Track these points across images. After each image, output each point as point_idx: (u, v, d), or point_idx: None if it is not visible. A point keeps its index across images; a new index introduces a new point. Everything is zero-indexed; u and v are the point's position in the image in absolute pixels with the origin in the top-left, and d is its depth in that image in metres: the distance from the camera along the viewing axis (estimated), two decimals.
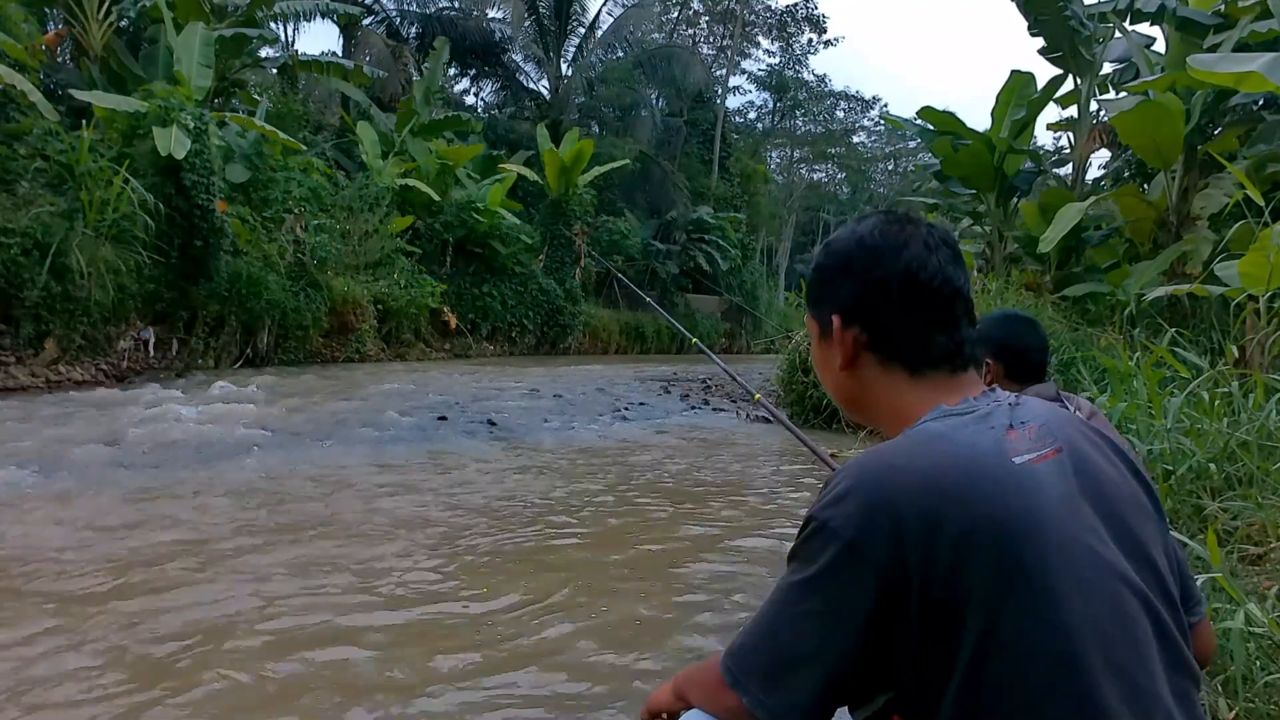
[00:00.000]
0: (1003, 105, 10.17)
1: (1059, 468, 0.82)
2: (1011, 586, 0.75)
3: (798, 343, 8.75)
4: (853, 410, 1.01)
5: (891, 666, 0.79)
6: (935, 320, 0.91)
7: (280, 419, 6.68)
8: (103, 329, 9.10)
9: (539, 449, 6.37)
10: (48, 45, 11.52)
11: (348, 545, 3.54)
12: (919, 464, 0.80)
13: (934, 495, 0.77)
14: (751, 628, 0.86)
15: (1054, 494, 0.80)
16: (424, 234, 16.09)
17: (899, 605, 0.76)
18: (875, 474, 0.81)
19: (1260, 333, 3.97)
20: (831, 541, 0.79)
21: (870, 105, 42.15)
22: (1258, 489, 2.71)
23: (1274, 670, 1.79)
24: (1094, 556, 0.79)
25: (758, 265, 29.67)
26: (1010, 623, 0.75)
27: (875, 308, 0.92)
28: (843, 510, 0.79)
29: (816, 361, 1.02)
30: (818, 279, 0.98)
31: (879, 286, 0.91)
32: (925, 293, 0.91)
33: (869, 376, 0.94)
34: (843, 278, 0.94)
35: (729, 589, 3.19)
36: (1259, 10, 7.19)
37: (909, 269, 0.90)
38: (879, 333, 0.92)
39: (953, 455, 0.80)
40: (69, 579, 2.99)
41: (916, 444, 0.83)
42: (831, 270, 0.96)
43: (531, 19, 24.44)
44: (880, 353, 0.93)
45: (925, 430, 0.85)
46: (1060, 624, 0.75)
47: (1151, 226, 8.54)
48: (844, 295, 0.94)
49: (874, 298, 0.92)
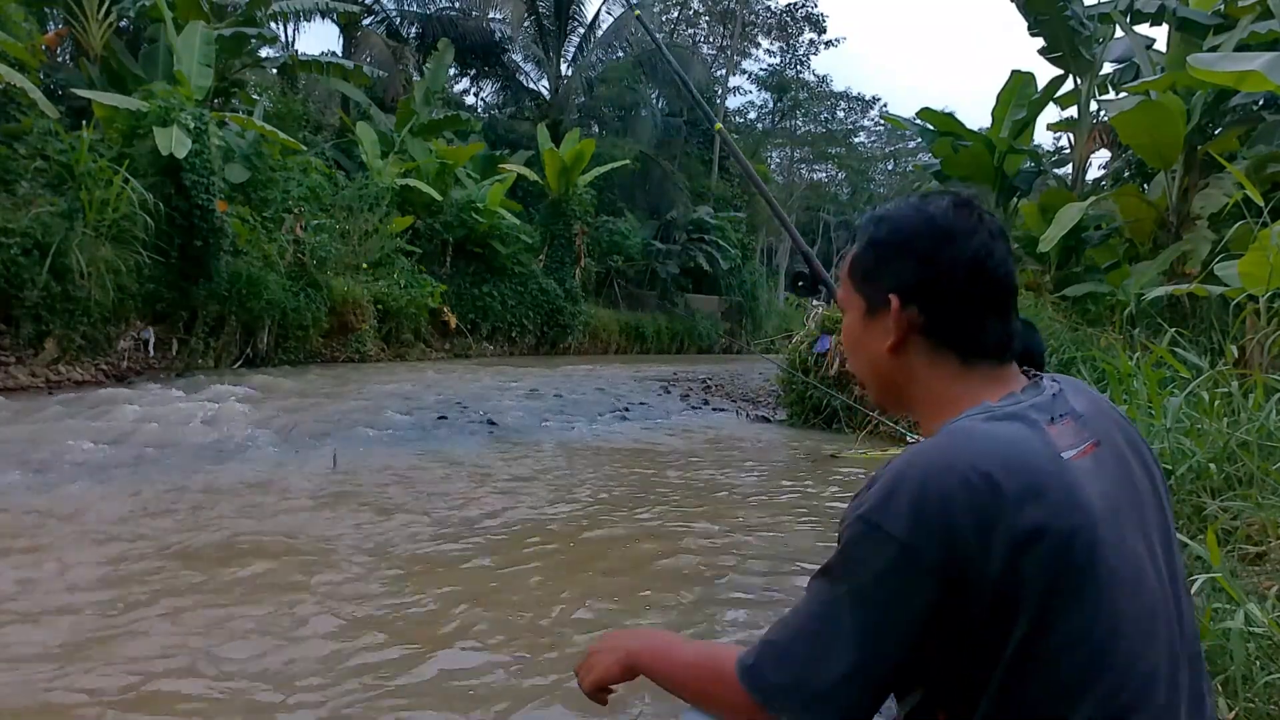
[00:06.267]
0: (1003, 105, 10.17)
1: (1097, 464, 0.83)
2: (1065, 585, 0.75)
3: (797, 342, 8.74)
4: (885, 394, 0.97)
5: (934, 665, 0.79)
6: (993, 309, 0.90)
7: (280, 419, 6.68)
8: (103, 329, 9.09)
9: (539, 449, 6.37)
10: (48, 45, 11.52)
11: (352, 547, 3.54)
12: (969, 462, 0.78)
13: (987, 494, 0.76)
14: (784, 636, 0.82)
15: (1096, 490, 0.80)
16: (424, 234, 16.08)
17: (953, 607, 0.75)
18: (925, 472, 0.78)
19: (1260, 333, 3.97)
20: (884, 546, 0.76)
21: (870, 105, 42.16)
22: (1258, 489, 2.71)
23: (1274, 670, 1.78)
24: (1135, 556, 0.80)
25: (758, 265, 29.65)
26: (1062, 620, 0.75)
27: (939, 290, 0.89)
28: (894, 510, 0.77)
29: (852, 339, 0.98)
30: (875, 254, 0.94)
31: (947, 269, 0.89)
32: (989, 281, 0.89)
33: (916, 361, 0.92)
34: (906, 256, 0.91)
35: (730, 590, 3.19)
36: (1259, 10, 7.19)
37: (977, 255, 0.89)
38: (937, 316, 0.90)
39: (1003, 454, 0.79)
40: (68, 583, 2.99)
41: (964, 441, 0.81)
42: (894, 247, 0.92)
43: (531, 19, 24.44)
44: (934, 337, 0.90)
45: (971, 428, 0.82)
46: (1108, 622, 0.76)
47: (1151, 226, 8.54)
48: (906, 274, 0.90)
49: (940, 280, 0.89)
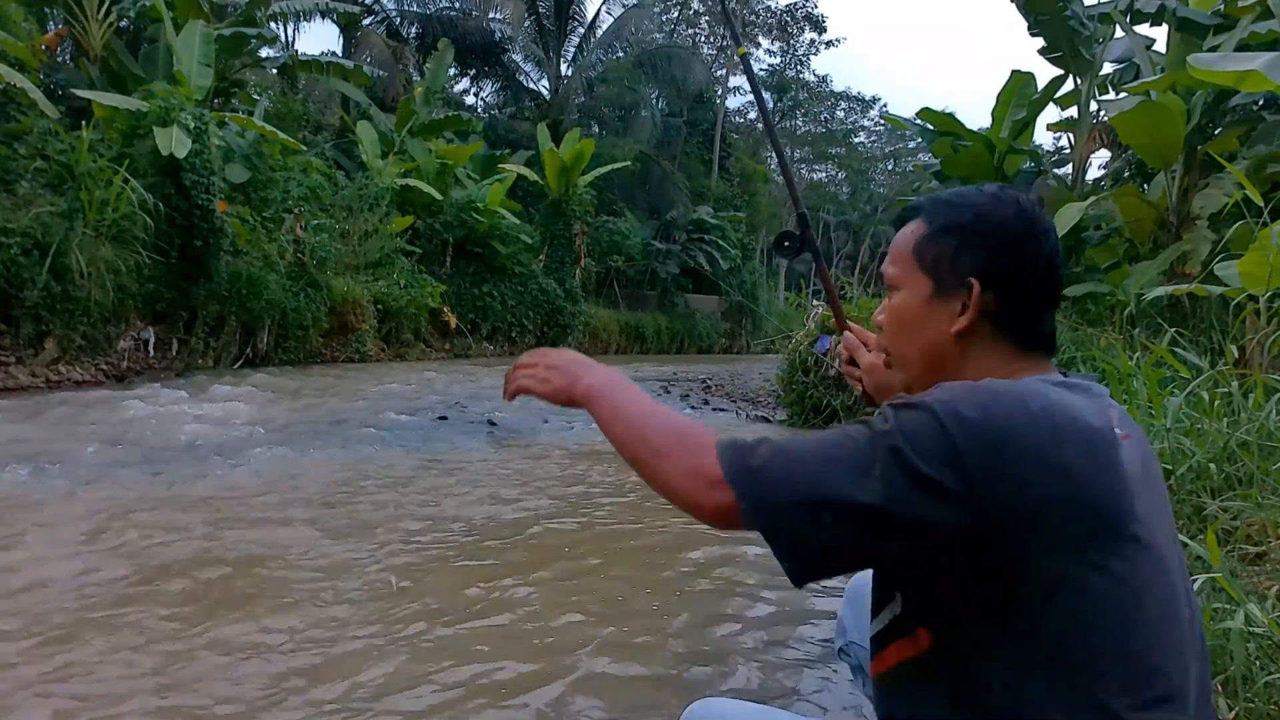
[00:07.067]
0: (1003, 105, 10.17)
1: (1135, 452, 0.85)
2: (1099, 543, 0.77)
3: (798, 342, 8.74)
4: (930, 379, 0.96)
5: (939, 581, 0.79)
6: (1052, 304, 0.95)
7: (280, 419, 6.68)
8: (103, 329, 9.10)
9: (539, 449, 6.37)
10: (48, 45, 11.52)
11: (359, 545, 3.54)
12: (1041, 405, 0.79)
13: (1050, 434, 0.77)
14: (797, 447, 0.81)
15: (1136, 472, 0.82)
16: (424, 234, 16.09)
17: (983, 527, 0.75)
18: (998, 396, 0.79)
19: (1260, 333, 3.97)
20: (940, 437, 0.75)
21: (870, 105, 42.25)
22: (1258, 489, 2.71)
23: (1274, 670, 1.78)
24: (1162, 538, 0.83)
25: (758, 265, 29.68)
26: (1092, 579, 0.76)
27: (1019, 280, 0.92)
28: (959, 413, 0.77)
29: (907, 320, 0.98)
30: (959, 239, 0.94)
31: (1031, 262, 0.92)
32: (1057, 278, 0.95)
33: (978, 347, 0.93)
34: (991, 242, 0.93)
35: (730, 590, 3.19)
36: (1259, 10, 7.19)
37: (1053, 251, 0.94)
38: (1010, 305, 0.92)
39: (1070, 410, 0.80)
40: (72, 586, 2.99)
41: (1037, 389, 0.83)
42: (979, 234, 0.94)
43: (531, 19, 24.47)
44: (1000, 325, 0.93)
45: (1043, 386, 0.84)
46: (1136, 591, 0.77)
47: (1151, 226, 8.54)
48: (992, 261, 0.92)
49: (1023, 271, 0.92)
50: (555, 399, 0.98)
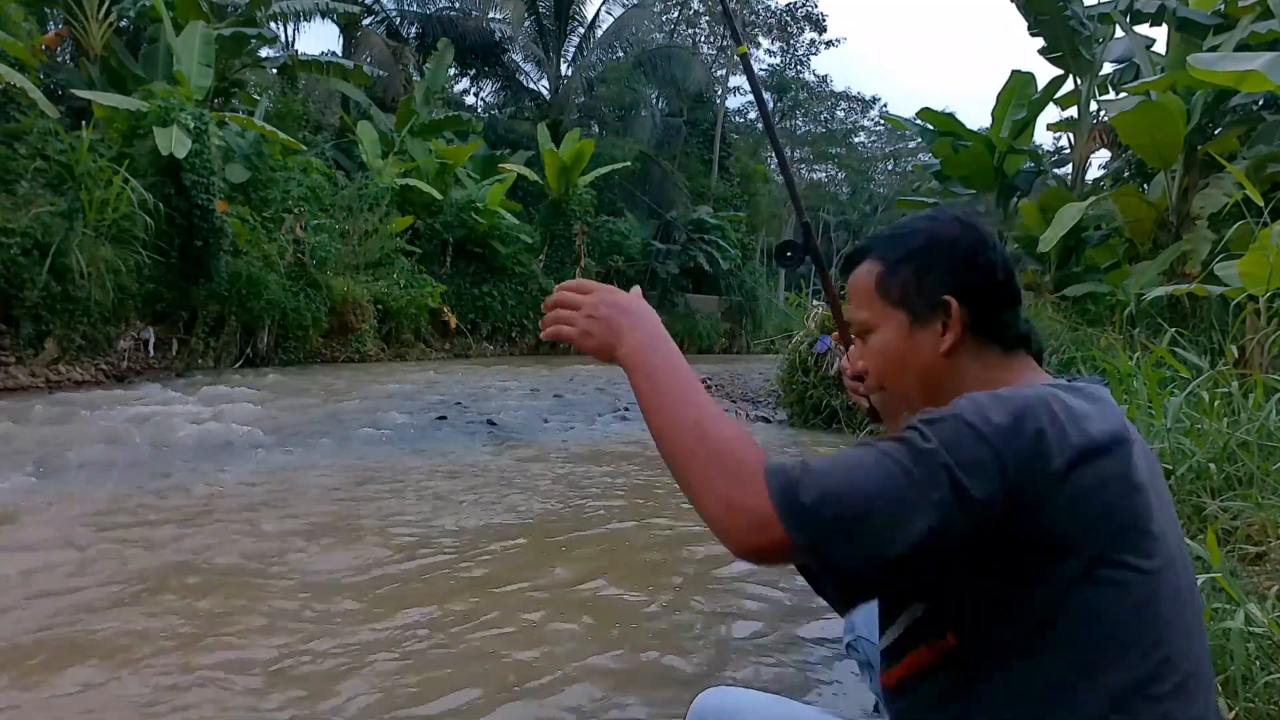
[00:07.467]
0: (1003, 105, 10.18)
1: (1141, 452, 0.86)
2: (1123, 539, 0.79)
3: (797, 342, 8.74)
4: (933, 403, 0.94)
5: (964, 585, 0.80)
6: (1016, 303, 0.98)
7: (280, 419, 6.67)
8: (103, 329, 9.10)
9: (539, 449, 6.37)
10: (48, 45, 11.53)
11: (364, 547, 3.54)
12: (1064, 406, 0.81)
13: (1076, 435, 0.79)
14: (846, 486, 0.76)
15: (1145, 472, 0.84)
16: (424, 234, 16.09)
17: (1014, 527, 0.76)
18: (1025, 399, 0.81)
19: (1260, 333, 3.97)
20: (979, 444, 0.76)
21: (870, 105, 42.24)
22: (1258, 489, 2.71)
23: (1274, 670, 1.78)
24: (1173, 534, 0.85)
25: (758, 265, 29.65)
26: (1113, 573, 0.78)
27: (986, 289, 0.95)
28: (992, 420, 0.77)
29: (894, 356, 0.98)
30: (918, 265, 0.96)
31: (989, 267, 0.96)
32: (1013, 278, 0.98)
33: (966, 361, 0.95)
34: (949, 260, 0.96)
35: (734, 588, 3.19)
36: (1259, 10, 7.20)
37: (1004, 254, 0.98)
38: (981, 313, 0.95)
39: (1087, 411, 0.83)
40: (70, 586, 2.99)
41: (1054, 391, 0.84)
42: (936, 255, 0.96)
43: (531, 19, 24.46)
44: (980, 333, 0.95)
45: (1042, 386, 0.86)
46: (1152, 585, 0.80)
47: (1151, 226, 8.54)
48: (957, 277, 0.95)
49: (985, 279, 0.95)
50: (595, 356, 0.92)
